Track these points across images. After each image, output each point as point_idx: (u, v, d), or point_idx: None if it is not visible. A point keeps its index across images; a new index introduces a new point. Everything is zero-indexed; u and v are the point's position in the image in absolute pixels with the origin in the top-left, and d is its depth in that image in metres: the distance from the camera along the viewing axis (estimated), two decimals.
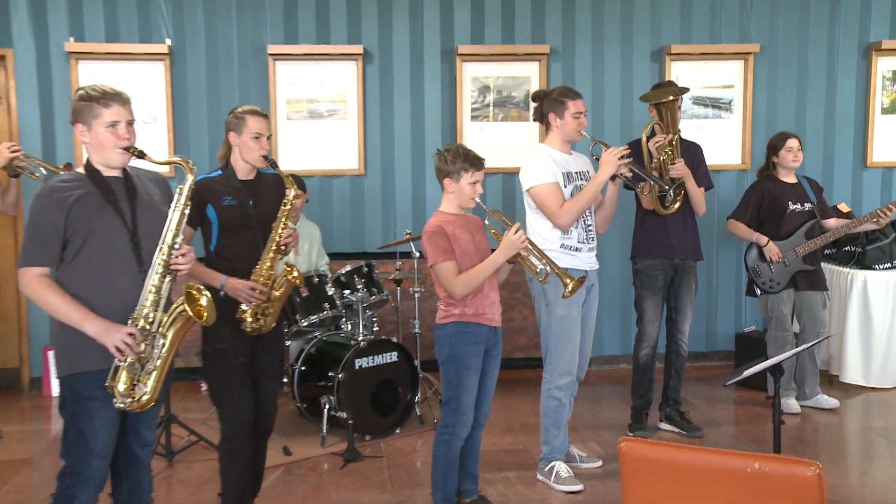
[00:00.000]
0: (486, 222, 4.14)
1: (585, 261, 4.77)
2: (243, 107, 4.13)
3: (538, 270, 4.11)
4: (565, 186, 4.70)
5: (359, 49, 6.88)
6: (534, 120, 5.08)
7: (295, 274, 4.07)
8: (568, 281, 4.05)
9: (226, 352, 3.96)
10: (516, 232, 3.94)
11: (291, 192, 4.08)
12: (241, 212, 4.02)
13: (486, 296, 4.06)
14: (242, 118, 4.05)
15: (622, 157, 4.63)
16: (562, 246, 4.69)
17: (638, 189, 5.12)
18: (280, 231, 4.04)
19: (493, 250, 4.04)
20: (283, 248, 4.06)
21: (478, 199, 4.01)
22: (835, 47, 7.32)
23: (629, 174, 4.79)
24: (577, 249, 4.73)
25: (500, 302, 4.18)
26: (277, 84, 6.89)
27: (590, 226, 4.81)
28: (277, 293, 4.05)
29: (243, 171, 4.11)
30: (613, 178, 4.71)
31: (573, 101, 4.73)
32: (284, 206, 4.07)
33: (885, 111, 7.40)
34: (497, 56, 7.01)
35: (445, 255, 3.94)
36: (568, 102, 4.72)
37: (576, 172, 4.78)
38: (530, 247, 4.04)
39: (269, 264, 4.02)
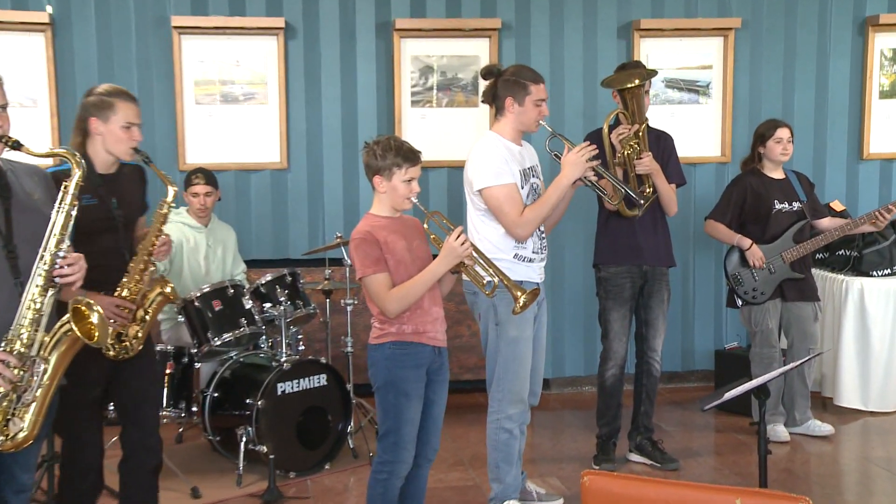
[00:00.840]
0: (426, 226, 4.10)
1: (537, 272, 4.77)
2: (106, 87, 4.05)
3: (485, 283, 4.10)
4: (522, 187, 4.67)
5: (280, 22, 6.85)
6: (483, 101, 4.97)
7: (168, 289, 4.03)
8: (519, 294, 4.03)
9: (72, 384, 3.71)
10: (458, 237, 3.90)
11: (171, 194, 4.05)
12: (102, 212, 3.95)
13: (428, 311, 4.03)
14: (110, 103, 3.96)
15: (590, 158, 4.62)
16: (515, 256, 4.66)
17: (605, 199, 5.13)
18: (155, 239, 4.00)
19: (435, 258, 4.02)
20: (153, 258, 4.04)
21: (415, 200, 3.98)
22: (826, 22, 7.42)
23: (594, 178, 4.79)
24: (530, 260, 4.72)
25: (445, 317, 4.15)
26: (184, 62, 6.82)
27: (542, 233, 4.81)
28: (149, 311, 4.02)
29: (104, 163, 4.03)
30: (574, 181, 4.68)
31: (536, 85, 4.67)
32: (161, 209, 4.03)
33: (883, 95, 7.51)
34: (441, 32, 7.02)
35: (375, 266, 3.89)
36: (530, 87, 4.65)
37: (528, 168, 4.77)
38: (475, 255, 4.03)
39: (138, 277, 3.98)
